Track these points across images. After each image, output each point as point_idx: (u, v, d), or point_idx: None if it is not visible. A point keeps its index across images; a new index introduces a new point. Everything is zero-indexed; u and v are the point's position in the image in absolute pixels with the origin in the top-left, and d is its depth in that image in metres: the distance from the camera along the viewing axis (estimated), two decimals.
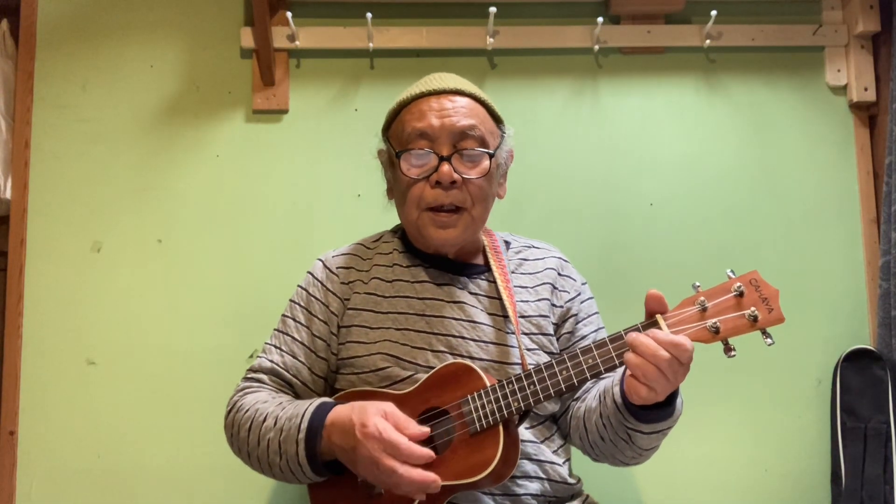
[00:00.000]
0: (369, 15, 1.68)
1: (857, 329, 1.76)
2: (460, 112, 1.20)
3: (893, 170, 1.70)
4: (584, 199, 1.77)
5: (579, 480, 1.26)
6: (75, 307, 1.67)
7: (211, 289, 1.69)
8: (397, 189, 1.25)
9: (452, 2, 1.80)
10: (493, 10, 1.69)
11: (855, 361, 1.71)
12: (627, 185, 1.78)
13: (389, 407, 1.06)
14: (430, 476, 1.01)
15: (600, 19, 1.73)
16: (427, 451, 1.02)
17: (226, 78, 1.76)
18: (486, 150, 1.20)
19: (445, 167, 1.17)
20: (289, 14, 1.69)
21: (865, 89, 1.81)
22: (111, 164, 1.72)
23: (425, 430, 1.05)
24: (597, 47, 1.78)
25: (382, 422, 1.02)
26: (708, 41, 1.79)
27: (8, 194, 1.69)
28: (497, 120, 1.26)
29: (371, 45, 1.74)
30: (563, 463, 1.23)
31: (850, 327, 1.76)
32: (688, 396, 1.67)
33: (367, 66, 1.79)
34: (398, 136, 1.23)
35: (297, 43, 1.74)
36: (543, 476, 1.19)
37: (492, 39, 1.76)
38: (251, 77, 1.76)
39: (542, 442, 1.21)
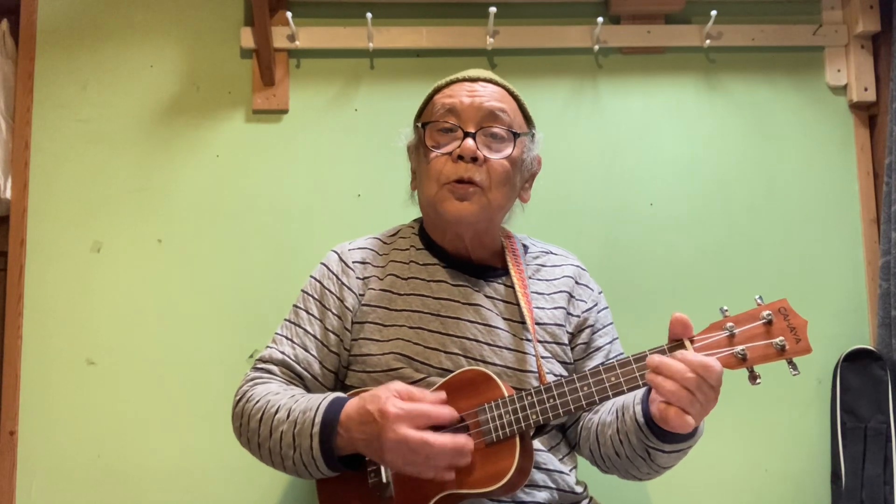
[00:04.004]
0: (369, 15, 1.68)
1: (857, 329, 1.76)
2: (492, 96, 1.21)
3: (893, 170, 1.70)
4: (584, 198, 1.77)
5: (585, 488, 1.26)
6: (75, 307, 1.67)
7: (211, 289, 1.69)
8: (420, 168, 1.25)
9: (452, 2, 1.80)
10: (493, 10, 1.69)
11: (855, 361, 1.71)
12: (627, 185, 1.78)
13: (398, 385, 1.05)
14: (461, 439, 1.00)
15: (600, 19, 1.73)
16: (453, 411, 1.03)
17: (226, 78, 1.76)
18: (511, 131, 1.20)
19: (469, 142, 1.17)
20: (289, 14, 1.69)
21: (865, 89, 1.81)
22: (111, 164, 1.72)
23: (441, 394, 1.05)
24: (597, 47, 1.78)
25: (399, 401, 1.02)
26: (708, 41, 1.79)
27: (8, 194, 1.69)
28: (527, 119, 1.27)
29: (371, 45, 1.74)
30: (570, 471, 1.22)
31: (850, 327, 1.76)
32: None
33: (367, 66, 1.79)
34: (428, 114, 1.24)
35: (297, 43, 1.74)
36: (552, 485, 1.18)
37: (492, 39, 1.76)
38: (251, 77, 1.76)
39: (549, 450, 1.20)
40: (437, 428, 1.06)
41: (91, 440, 1.63)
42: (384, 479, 1.09)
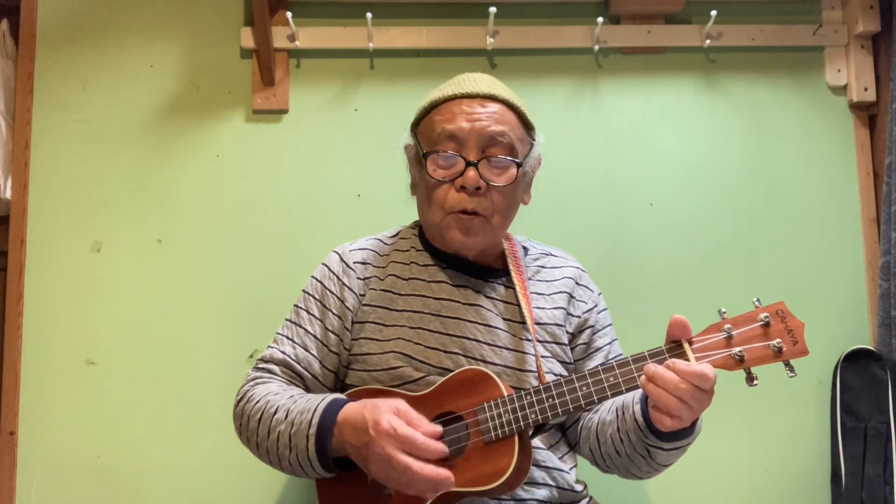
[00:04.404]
0: (369, 15, 1.68)
1: (857, 329, 1.76)
2: (491, 118, 1.18)
3: (893, 170, 1.71)
4: (584, 199, 1.77)
5: (585, 486, 1.26)
6: (75, 307, 1.67)
7: (211, 289, 1.69)
8: (421, 188, 1.24)
9: (452, 2, 1.80)
10: (493, 10, 1.69)
11: (855, 361, 1.71)
12: (627, 185, 1.78)
13: (401, 404, 1.05)
14: (444, 472, 1.00)
15: (600, 19, 1.73)
16: (442, 447, 1.01)
17: (226, 78, 1.76)
18: (513, 160, 1.19)
19: (471, 172, 1.16)
20: (289, 14, 1.69)
21: (865, 89, 1.81)
22: (111, 164, 1.72)
23: (438, 428, 1.04)
24: (597, 47, 1.78)
25: (396, 419, 1.01)
26: (708, 41, 1.79)
27: (8, 194, 1.69)
28: (528, 126, 1.24)
29: (371, 45, 1.74)
30: (570, 469, 1.23)
31: (850, 327, 1.76)
32: None
33: (367, 66, 1.79)
34: (427, 135, 1.22)
35: (297, 43, 1.74)
36: (552, 483, 1.18)
37: (492, 39, 1.76)
38: (251, 77, 1.76)
39: (548, 448, 1.21)
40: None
41: (91, 440, 1.63)
42: None
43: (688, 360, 1.00)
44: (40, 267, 1.68)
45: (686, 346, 1.02)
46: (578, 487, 1.22)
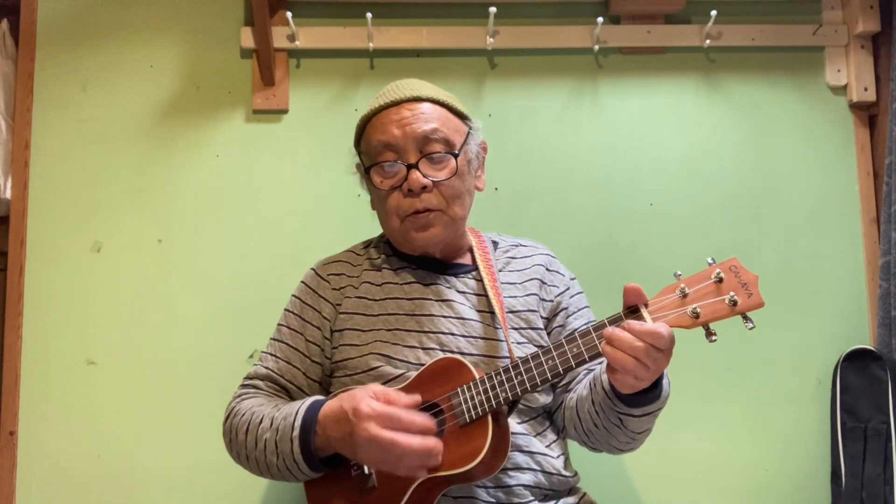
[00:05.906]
0: (369, 15, 1.68)
1: (857, 329, 1.76)
2: (420, 118, 1.22)
3: (893, 170, 1.70)
4: (583, 198, 1.77)
5: (576, 474, 1.27)
6: (75, 307, 1.67)
7: (211, 289, 1.69)
8: (376, 201, 1.29)
9: (452, 2, 1.80)
10: (493, 10, 1.69)
11: (855, 361, 1.71)
12: (627, 185, 1.78)
13: (377, 387, 1.08)
14: (431, 441, 1.02)
15: (600, 19, 1.73)
16: (426, 418, 1.03)
17: (226, 78, 1.76)
18: (450, 152, 1.23)
19: (414, 174, 1.20)
20: (289, 14, 1.69)
21: (865, 89, 1.81)
22: (111, 164, 1.72)
23: (416, 398, 1.07)
24: (597, 47, 1.78)
25: (373, 401, 1.04)
26: (708, 41, 1.79)
27: (8, 194, 1.69)
28: (461, 116, 1.28)
29: (371, 45, 1.74)
30: (558, 456, 1.24)
31: (850, 327, 1.76)
32: (688, 396, 1.68)
33: (367, 66, 1.79)
34: (367, 150, 1.26)
35: (297, 43, 1.74)
36: (536, 467, 1.19)
37: (492, 39, 1.76)
38: (251, 77, 1.76)
39: (534, 436, 1.22)
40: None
41: (91, 440, 1.63)
42: (366, 471, 1.12)
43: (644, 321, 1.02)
44: (40, 267, 1.68)
45: (643, 309, 1.04)
46: (567, 473, 1.23)
